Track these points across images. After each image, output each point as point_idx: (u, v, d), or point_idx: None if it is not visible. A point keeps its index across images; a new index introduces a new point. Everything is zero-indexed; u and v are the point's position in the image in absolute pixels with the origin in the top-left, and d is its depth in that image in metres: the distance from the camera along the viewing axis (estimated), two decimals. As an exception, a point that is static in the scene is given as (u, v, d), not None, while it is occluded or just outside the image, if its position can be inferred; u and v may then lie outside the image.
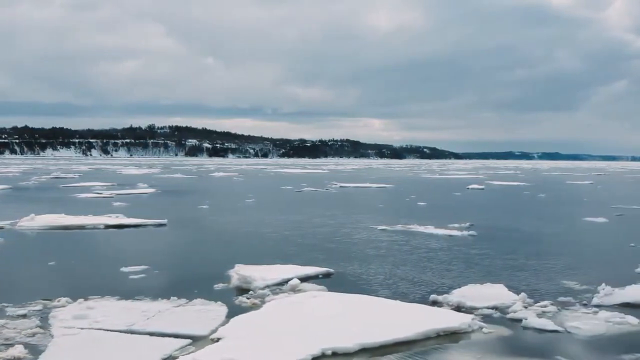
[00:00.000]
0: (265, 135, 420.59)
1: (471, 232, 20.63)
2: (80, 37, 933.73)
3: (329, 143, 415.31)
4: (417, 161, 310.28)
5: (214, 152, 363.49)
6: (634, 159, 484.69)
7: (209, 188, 50.01)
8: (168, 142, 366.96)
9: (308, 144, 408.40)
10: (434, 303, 10.67)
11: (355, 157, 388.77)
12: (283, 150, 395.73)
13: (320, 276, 13.05)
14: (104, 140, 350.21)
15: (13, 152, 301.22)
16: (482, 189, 50.99)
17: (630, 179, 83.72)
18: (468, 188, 51.33)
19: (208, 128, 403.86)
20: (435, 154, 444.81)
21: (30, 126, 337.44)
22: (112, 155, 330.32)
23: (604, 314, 9.89)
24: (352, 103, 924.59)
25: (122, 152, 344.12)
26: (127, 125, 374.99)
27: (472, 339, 8.72)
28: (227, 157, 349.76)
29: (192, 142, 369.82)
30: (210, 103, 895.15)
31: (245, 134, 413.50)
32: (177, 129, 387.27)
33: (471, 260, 15.39)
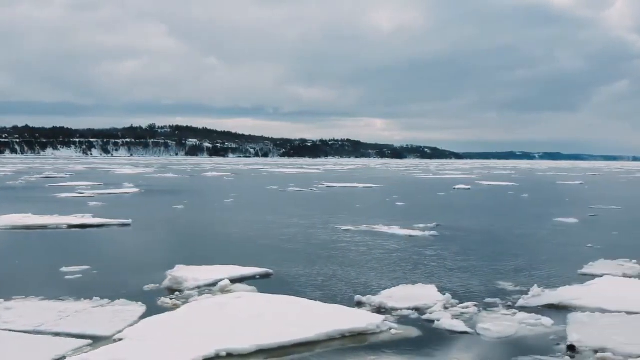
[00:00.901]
0: (267, 135, 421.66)
1: (433, 233, 20.63)
2: (81, 36, 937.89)
3: (330, 143, 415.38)
4: (417, 161, 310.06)
5: (214, 152, 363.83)
6: (635, 159, 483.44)
7: (195, 188, 50.04)
8: (169, 141, 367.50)
9: (309, 144, 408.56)
10: (358, 304, 10.69)
11: (356, 157, 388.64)
12: (284, 150, 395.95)
13: (258, 277, 13.07)
14: (105, 140, 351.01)
15: (13, 151, 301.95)
16: (468, 189, 50.92)
17: (623, 179, 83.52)
18: (454, 188, 51.29)
19: (209, 128, 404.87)
20: (436, 154, 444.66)
21: (31, 126, 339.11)
22: (112, 154, 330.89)
23: (521, 315, 9.89)
24: (354, 103, 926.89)
25: (122, 152, 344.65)
26: (128, 125, 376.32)
27: (376, 340, 8.75)
28: (228, 156, 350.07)
29: (192, 141, 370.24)
30: (212, 103, 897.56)
31: (247, 133, 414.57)
32: (178, 128, 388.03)
33: (419, 262, 15.39)
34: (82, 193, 39.13)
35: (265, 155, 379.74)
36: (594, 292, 11.45)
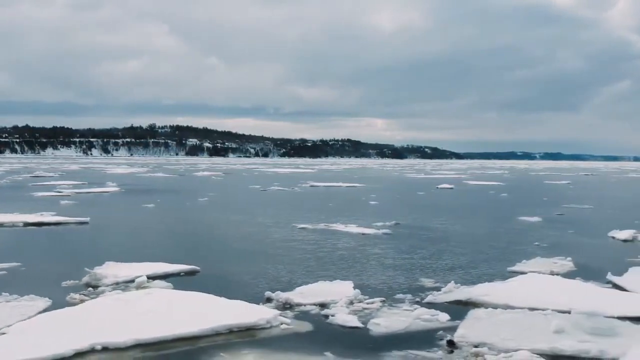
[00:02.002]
0: (268, 135, 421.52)
1: (387, 231, 20.71)
2: (82, 36, 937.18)
3: (330, 143, 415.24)
4: (416, 161, 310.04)
5: (214, 152, 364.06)
6: (635, 159, 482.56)
7: (177, 187, 50.10)
8: (169, 141, 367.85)
9: (309, 144, 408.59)
10: (267, 300, 10.78)
11: (357, 157, 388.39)
12: (284, 150, 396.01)
13: (182, 274, 13.15)
14: (105, 140, 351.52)
15: (14, 151, 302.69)
16: (451, 188, 50.92)
17: (614, 179, 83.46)
18: (437, 187, 51.36)
19: (209, 128, 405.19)
20: (436, 154, 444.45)
21: (31, 125, 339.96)
22: (112, 154, 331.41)
23: (421, 311, 9.98)
24: (355, 103, 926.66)
25: (122, 152, 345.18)
26: (128, 125, 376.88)
27: (263, 335, 8.84)
28: (228, 156, 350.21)
29: (192, 141, 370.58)
30: (213, 103, 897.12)
31: (247, 133, 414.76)
32: (178, 128, 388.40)
33: (358, 259, 15.46)
34: (60, 192, 39.26)
35: (266, 155, 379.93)
36: (507, 289, 11.51)
